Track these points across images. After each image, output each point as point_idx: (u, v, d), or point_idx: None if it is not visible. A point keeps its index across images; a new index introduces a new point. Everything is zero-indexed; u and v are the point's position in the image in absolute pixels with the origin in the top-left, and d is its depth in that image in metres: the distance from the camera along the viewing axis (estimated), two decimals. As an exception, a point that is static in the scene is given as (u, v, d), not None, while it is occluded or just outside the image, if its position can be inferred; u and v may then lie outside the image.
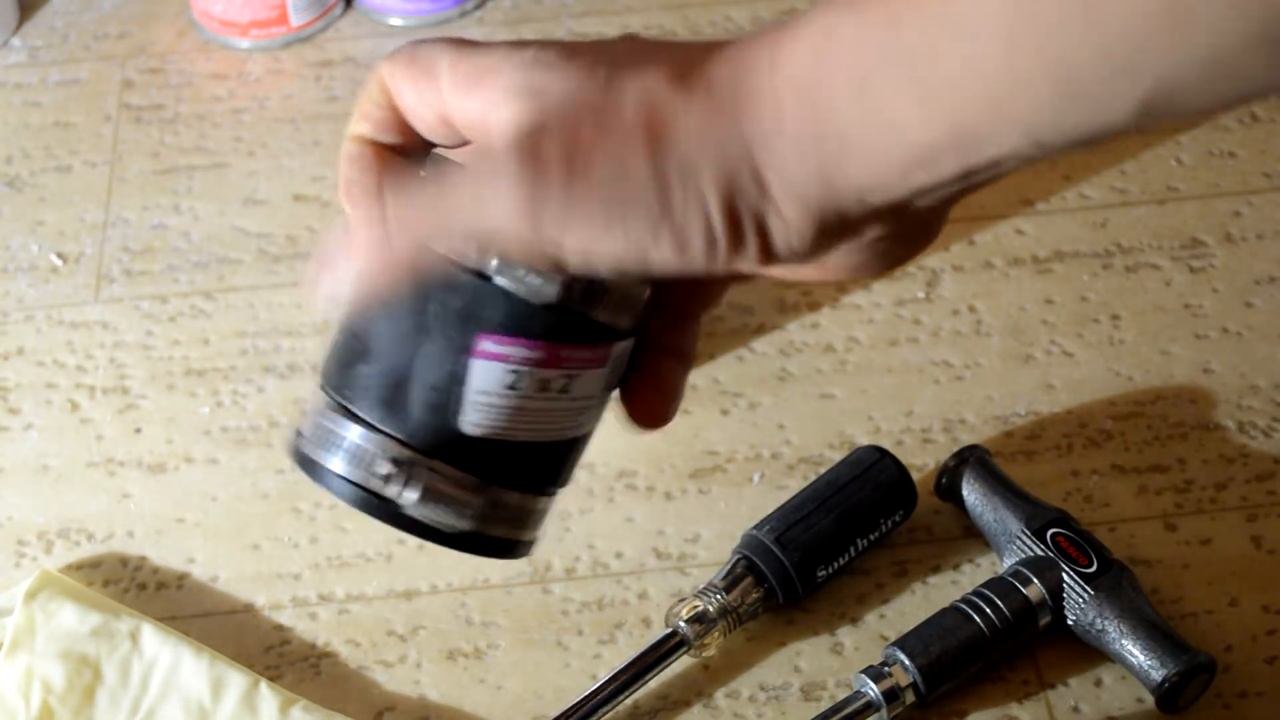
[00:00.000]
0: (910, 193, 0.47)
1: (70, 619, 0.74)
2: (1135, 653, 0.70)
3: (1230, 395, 0.82)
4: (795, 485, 0.78)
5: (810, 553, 0.74)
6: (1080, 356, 0.84)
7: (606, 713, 0.71)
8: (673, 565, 0.77)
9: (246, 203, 0.94)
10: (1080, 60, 0.42)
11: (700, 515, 0.79)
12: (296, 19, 1.03)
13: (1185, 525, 0.77)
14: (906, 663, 0.70)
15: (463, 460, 0.52)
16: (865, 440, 0.81)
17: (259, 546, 0.79)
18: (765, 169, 0.47)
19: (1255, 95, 0.43)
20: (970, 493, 0.76)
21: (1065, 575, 0.72)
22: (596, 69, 0.49)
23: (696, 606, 0.72)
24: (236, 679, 0.72)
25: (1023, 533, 0.73)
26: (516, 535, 0.54)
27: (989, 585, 0.72)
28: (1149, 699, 0.71)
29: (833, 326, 0.86)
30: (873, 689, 0.70)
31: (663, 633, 0.72)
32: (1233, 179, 0.92)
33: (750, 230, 0.48)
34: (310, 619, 0.76)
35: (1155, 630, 0.70)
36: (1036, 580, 0.72)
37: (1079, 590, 0.71)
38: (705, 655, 0.73)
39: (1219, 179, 0.92)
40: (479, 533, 0.53)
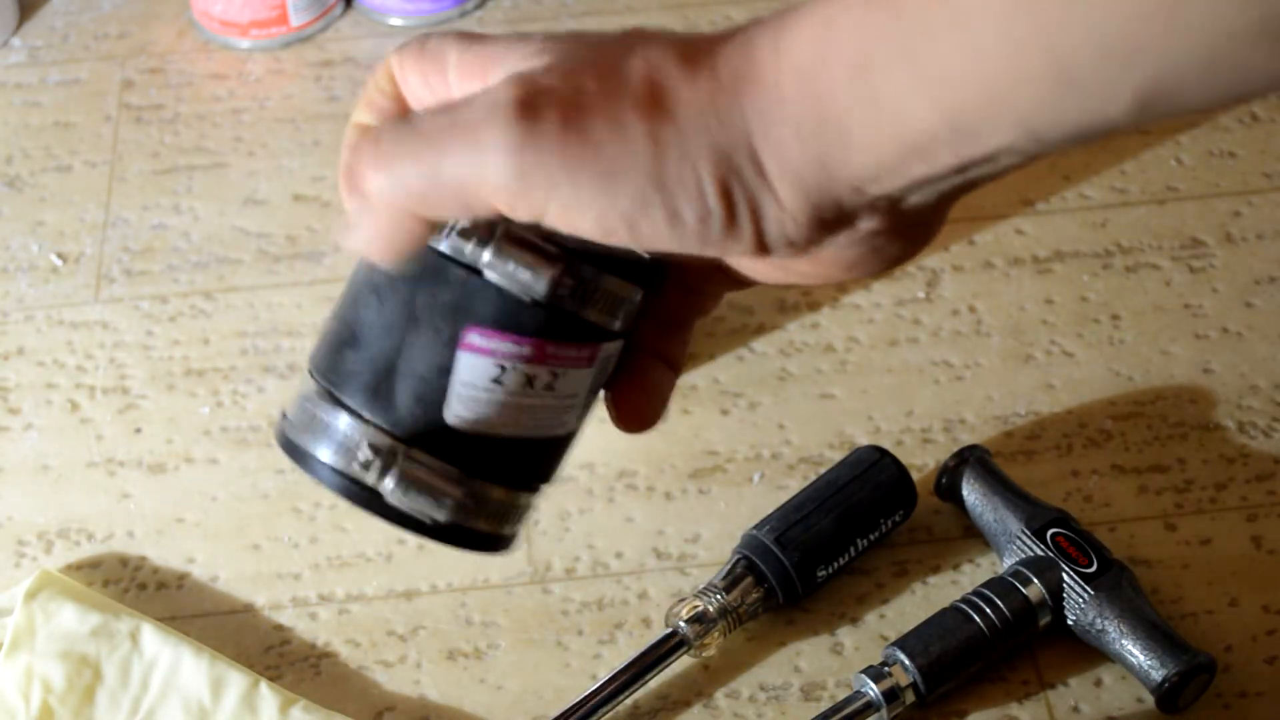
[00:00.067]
0: (907, 184, 0.47)
1: (70, 619, 0.74)
2: (1135, 653, 0.70)
3: (1230, 395, 0.82)
4: (795, 485, 0.78)
5: (810, 553, 0.74)
6: (1080, 356, 0.84)
7: (606, 713, 0.71)
8: (673, 565, 0.77)
9: (246, 203, 0.94)
10: (1077, 51, 0.42)
11: (700, 515, 0.79)
12: (296, 19, 1.03)
13: (1185, 525, 0.77)
14: (906, 663, 0.70)
15: (446, 451, 0.52)
16: (865, 440, 0.81)
17: (259, 546, 0.79)
18: (764, 152, 0.47)
19: (1254, 92, 0.43)
20: (970, 493, 0.76)
21: (1065, 575, 0.72)
22: (603, 42, 0.49)
23: (696, 606, 0.72)
24: (236, 679, 0.72)
25: (1023, 533, 0.73)
26: (498, 529, 0.54)
27: (989, 585, 0.72)
28: (1149, 699, 0.71)
29: (833, 326, 0.86)
30: (873, 689, 0.70)
31: (663, 633, 0.72)
32: (1233, 179, 0.92)
33: (744, 211, 0.48)
34: (310, 619, 0.76)
35: (1155, 630, 0.70)
36: (1036, 580, 0.72)
37: (1079, 590, 0.71)
38: (705, 655, 0.73)
39: (1219, 179, 0.92)
40: (459, 525, 0.53)
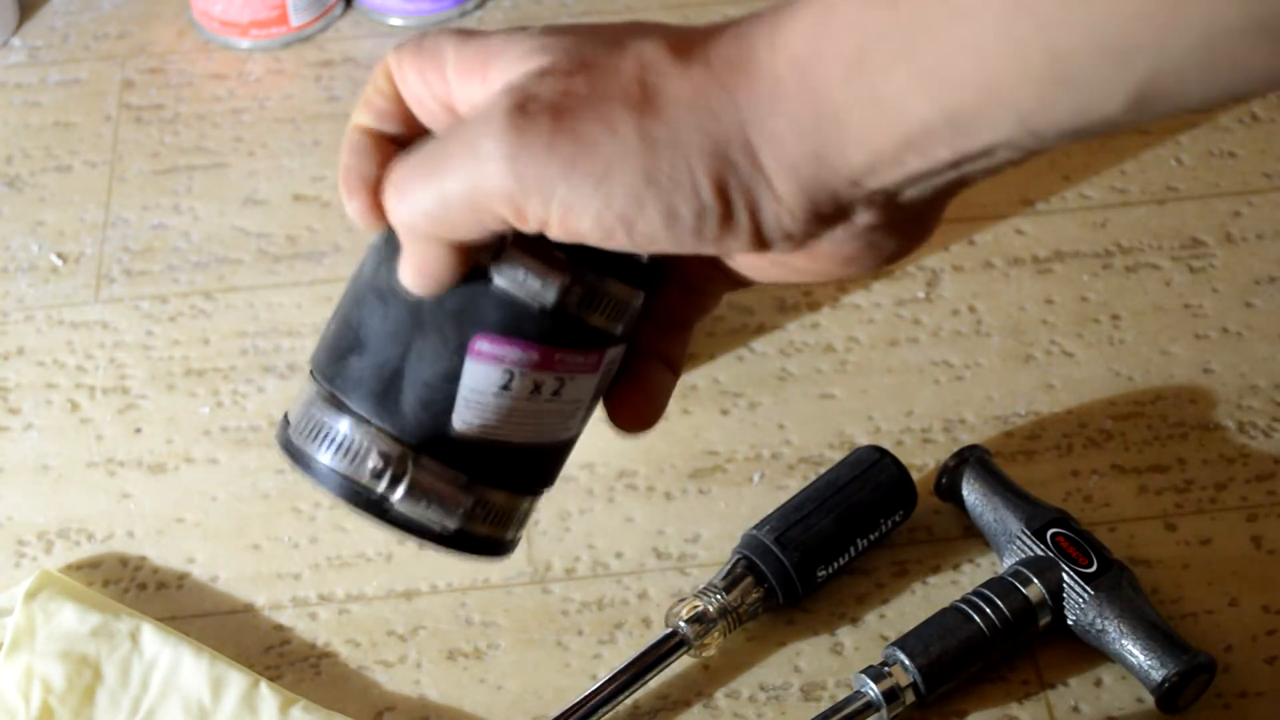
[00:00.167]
0: (904, 178, 0.47)
1: (70, 619, 0.74)
2: (1135, 653, 0.70)
3: (1230, 395, 0.82)
4: (795, 485, 0.78)
5: (810, 553, 0.74)
6: (1080, 356, 0.84)
7: (606, 713, 0.71)
8: (673, 565, 0.77)
9: (246, 203, 0.94)
10: (1075, 48, 0.42)
11: (700, 515, 0.79)
12: (296, 19, 1.03)
13: (1185, 525, 0.77)
14: (906, 663, 0.70)
15: (452, 458, 0.52)
16: (865, 440, 0.81)
17: (259, 546, 0.79)
18: (759, 145, 0.47)
19: (1253, 90, 0.43)
20: (970, 493, 0.76)
21: (1065, 575, 0.71)
22: (597, 37, 0.49)
23: (696, 606, 0.72)
24: (236, 679, 0.72)
25: (1023, 533, 0.73)
26: (500, 534, 0.54)
27: (989, 585, 0.72)
28: (1149, 699, 0.71)
29: (833, 326, 0.86)
30: (873, 689, 0.70)
31: (663, 633, 0.72)
32: (1233, 179, 0.92)
33: (740, 206, 0.48)
34: (310, 619, 0.76)
35: (1155, 630, 0.70)
36: (1036, 580, 0.71)
37: (1079, 590, 0.71)
38: (705, 655, 0.73)
39: (1219, 179, 0.92)
40: (464, 531, 0.53)
